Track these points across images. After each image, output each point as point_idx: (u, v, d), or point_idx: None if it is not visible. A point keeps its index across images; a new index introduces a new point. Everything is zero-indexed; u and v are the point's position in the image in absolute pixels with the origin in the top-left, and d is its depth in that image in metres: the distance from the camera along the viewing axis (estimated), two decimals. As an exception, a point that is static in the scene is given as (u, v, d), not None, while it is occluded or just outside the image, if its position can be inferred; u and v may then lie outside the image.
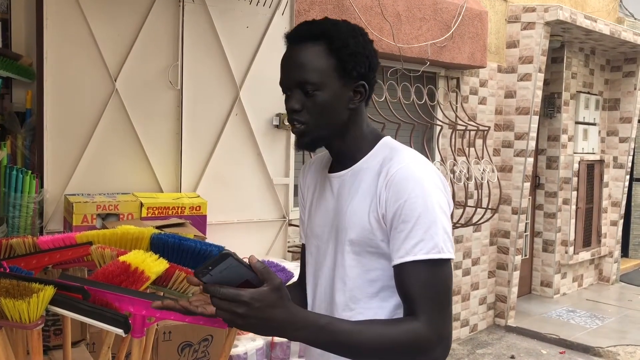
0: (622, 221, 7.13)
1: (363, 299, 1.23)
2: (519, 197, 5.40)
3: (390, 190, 1.16)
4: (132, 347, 1.33)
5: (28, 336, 1.20)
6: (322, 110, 1.20)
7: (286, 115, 1.34)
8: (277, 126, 3.23)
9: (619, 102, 6.93)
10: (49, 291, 1.17)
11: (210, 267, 0.96)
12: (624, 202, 7.07)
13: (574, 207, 6.33)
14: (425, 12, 4.23)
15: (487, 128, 4.79)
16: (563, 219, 6.28)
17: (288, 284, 1.51)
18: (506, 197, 5.44)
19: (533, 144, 5.44)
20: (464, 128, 4.74)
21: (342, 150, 1.28)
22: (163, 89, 2.84)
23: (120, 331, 1.22)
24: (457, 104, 4.90)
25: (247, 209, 3.18)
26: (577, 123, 6.44)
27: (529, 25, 5.29)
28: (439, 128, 4.68)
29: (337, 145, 1.28)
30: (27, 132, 2.48)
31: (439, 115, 4.75)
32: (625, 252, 8.07)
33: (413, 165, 1.17)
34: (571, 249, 6.36)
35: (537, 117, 5.39)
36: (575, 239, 6.42)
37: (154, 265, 1.37)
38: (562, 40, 5.81)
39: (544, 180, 6.27)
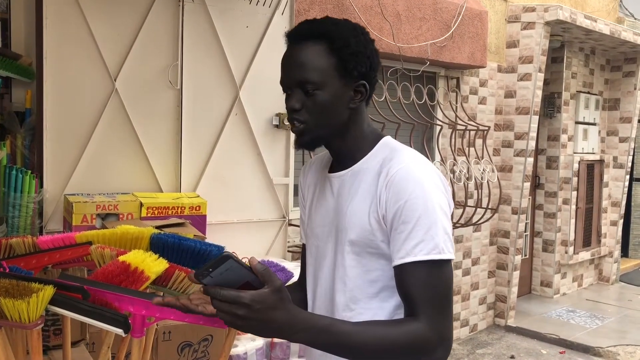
0: (622, 221, 7.13)
1: (363, 300, 1.22)
2: (519, 197, 5.40)
3: (390, 191, 1.15)
4: (131, 347, 1.33)
5: (28, 336, 1.20)
6: (322, 110, 1.20)
7: (286, 115, 1.34)
8: (277, 126, 3.23)
9: (619, 102, 6.93)
10: (49, 291, 1.17)
11: (210, 269, 0.96)
12: (623, 202, 7.07)
13: (573, 207, 6.33)
14: (425, 12, 4.23)
15: (487, 128, 4.79)
16: (563, 218, 6.28)
17: (288, 284, 1.51)
18: (506, 197, 5.44)
19: (533, 143, 5.44)
20: (463, 128, 4.74)
21: (342, 150, 1.28)
22: (163, 88, 2.84)
23: (120, 331, 1.22)
24: (457, 103, 4.90)
25: (247, 208, 3.18)
26: (577, 123, 6.44)
27: (529, 25, 5.28)
28: (438, 128, 4.67)
29: (337, 145, 1.27)
30: (27, 132, 2.47)
31: (439, 115, 4.75)
32: (625, 252, 8.07)
33: (413, 166, 1.17)
34: (571, 249, 6.36)
35: (537, 117, 5.39)
36: (575, 239, 6.42)
37: (153, 265, 1.37)
38: (562, 40, 5.81)
39: (544, 180, 6.27)
